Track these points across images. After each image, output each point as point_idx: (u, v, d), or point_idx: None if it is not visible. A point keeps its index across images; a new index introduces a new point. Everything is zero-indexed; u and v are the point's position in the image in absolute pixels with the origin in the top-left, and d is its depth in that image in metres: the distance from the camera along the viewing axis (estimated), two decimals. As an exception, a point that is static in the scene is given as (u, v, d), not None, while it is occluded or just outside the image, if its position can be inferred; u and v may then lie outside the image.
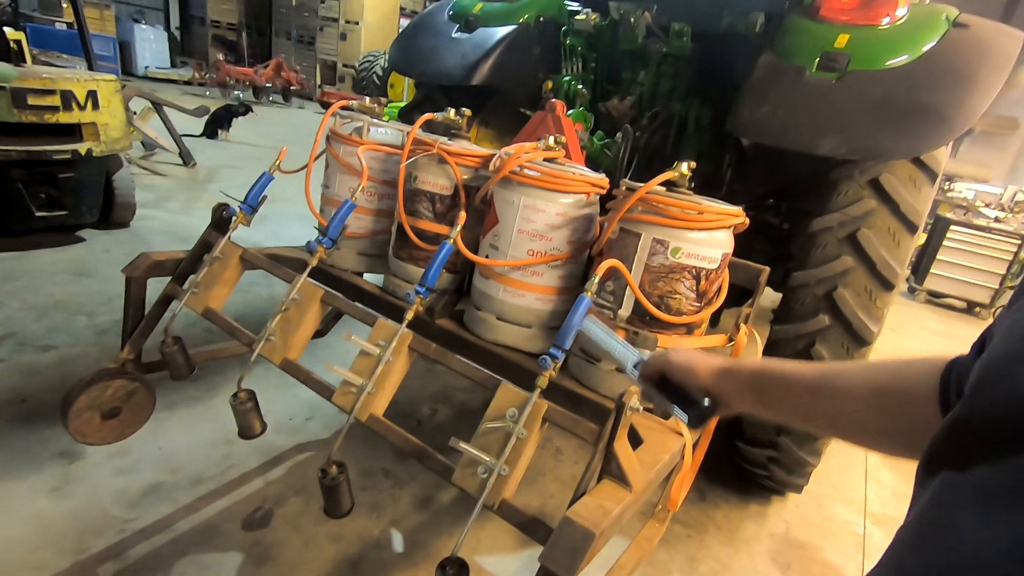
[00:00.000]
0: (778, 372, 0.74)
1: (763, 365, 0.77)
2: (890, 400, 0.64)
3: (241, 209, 1.74)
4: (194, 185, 5.59)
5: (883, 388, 0.66)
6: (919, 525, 0.40)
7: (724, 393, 0.78)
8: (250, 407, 1.56)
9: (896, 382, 0.65)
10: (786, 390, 0.73)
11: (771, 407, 0.75)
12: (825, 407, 0.69)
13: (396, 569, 1.77)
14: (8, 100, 3.08)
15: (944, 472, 0.40)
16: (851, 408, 0.67)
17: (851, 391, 0.68)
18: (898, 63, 1.77)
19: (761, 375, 0.76)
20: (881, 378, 0.67)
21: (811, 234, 1.89)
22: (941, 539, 0.36)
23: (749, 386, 0.76)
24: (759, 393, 0.75)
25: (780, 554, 2.15)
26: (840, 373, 0.70)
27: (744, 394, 0.76)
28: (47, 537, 1.64)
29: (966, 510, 0.35)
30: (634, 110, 2.59)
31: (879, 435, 0.67)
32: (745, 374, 0.77)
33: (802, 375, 0.72)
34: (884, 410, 0.65)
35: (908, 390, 0.63)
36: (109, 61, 10.88)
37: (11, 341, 2.53)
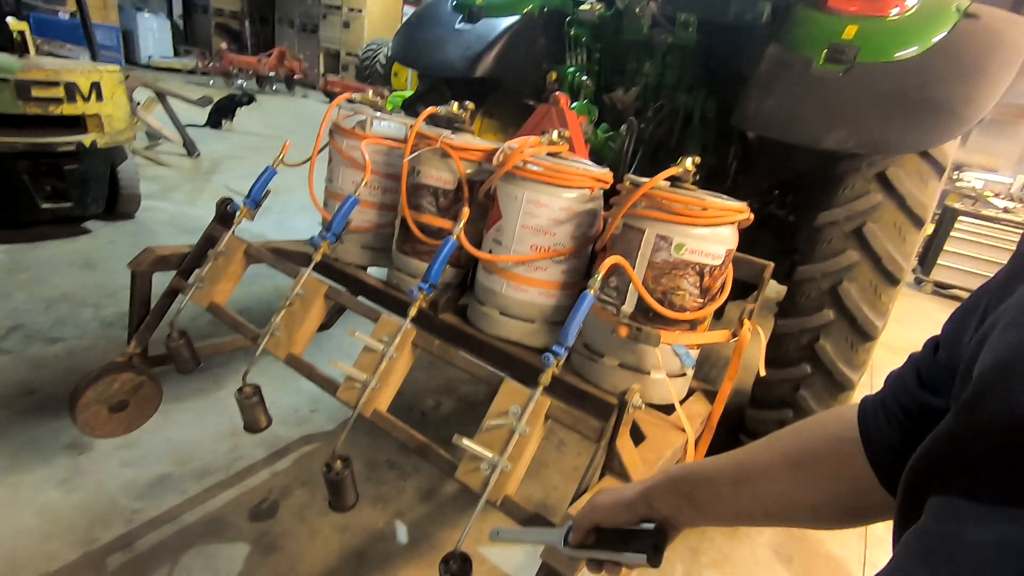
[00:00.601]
0: (701, 472, 0.70)
1: (682, 469, 0.72)
2: (811, 468, 0.60)
3: (245, 204, 1.74)
4: (198, 176, 5.60)
5: (800, 458, 0.62)
6: (922, 542, 0.38)
7: (663, 514, 0.71)
8: (255, 401, 1.58)
9: (812, 447, 0.62)
10: (712, 489, 0.68)
11: (706, 512, 0.69)
12: (753, 496, 0.65)
13: (401, 560, 1.79)
14: (12, 92, 3.08)
15: (939, 486, 0.39)
16: (776, 489, 0.63)
17: (770, 471, 0.64)
18: (907, 55, 1.74)
19: (684, 480, 0.70)
20: (796, 447, 0.63)
21: (816, 228, 1.88)
22: (945, 554, 0.36)
23: (680, 496, 0.70)
24: (691, 501, 0.69)
25: (782, 546, 2.16)
26: (757, 456, 0.66)
27: (680, 507, 0.70)
28: (56, 528, 1.67)
29: (969, 523, 0.35)
30: (639, 102, 2.57)
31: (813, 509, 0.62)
32: (670, 484, 0.71)
33: (722, 468, 0.68)
34: (808, 480, 0.61)
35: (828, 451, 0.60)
36: (112, 51, 10.84)
37: (19, 333, 2.55)
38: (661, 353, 1.38)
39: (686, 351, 1.44)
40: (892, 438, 0.55)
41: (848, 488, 0.58)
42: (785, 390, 1.98)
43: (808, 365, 1.92)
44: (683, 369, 1.48)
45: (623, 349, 1.43)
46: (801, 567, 2.08)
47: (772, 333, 2.00)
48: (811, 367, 1.91)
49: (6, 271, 3.10)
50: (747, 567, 2.03)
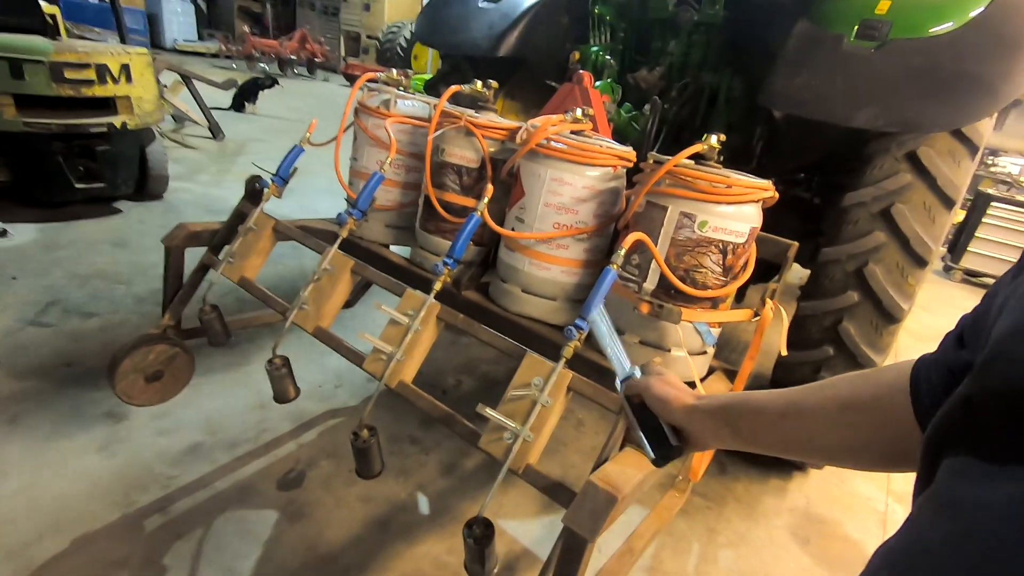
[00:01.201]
0: (749, 403, 0.74)
1: (733, 398, 0.77)
2: (860, 413, 0.63)
3: (273, 181, 1.78)
4: (223, 158, 5.69)
5: (851, 402, 0.65)
6: (936, 502, 0.40)
7: (695, 431, 0.77)
8: (284, 372, 1.63)
9: (863, 393, 0.64)
10: (758, 420, 0.72)
11: (747, 439, 0.74)
12: (798, 430, 0.69)
13: (423, 530, 1.84)
14: (47, 74, 3.16)
15: (953, 448, 0.40)
16: (822, 427, 0.66)
17: (820, 410, 0.67)
18: (943, 30, 1.70)
19: (732, 408, 0.75)
20: (848, 392, 0.66)
21: (843, 209, 1.85)
22: (957, 512, 0.37)
23: (722, 421, 0.75)
24: (733, 427, 0.74)
25: (799, 528, 2.16)
26: (808, 394, 0.69)
27: (718, 430, 0.75)
28: (97, 491, 1.75)
29: (981, 483, 0.36)
30: (663, 81, 2.55)
31: (854, 450, 0.66)
32: (716, 410, 0.76)
33: (772, 401, 0.71)
34: (854, 424, 0.64)
35: (877, 400, 0.62)
36: (139, 34, 11.01)
37: (57, 308, 2.65)
38: (682, 331, 1.39)
39: (707, 329, 1.45)
40: (938, 397, 0.56)
41: (892, 435, 0.60)
42: (806, 372, 1.97)
43: (831, 347, 1.91)
44: (704, 347, 1.49)
45: (644, 326, 1.44)
46: (818, 548, 2.09)
47: (795, 315, 1.99)
48: (834, 349, 1.90)
49: (43, 249, 3.21)
50: (763, 547, 2.05)
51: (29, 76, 3.14)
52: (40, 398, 2.08)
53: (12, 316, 2.53)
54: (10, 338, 2.38)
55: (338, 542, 1.73)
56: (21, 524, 1.60)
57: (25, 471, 1.77)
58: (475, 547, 1.12)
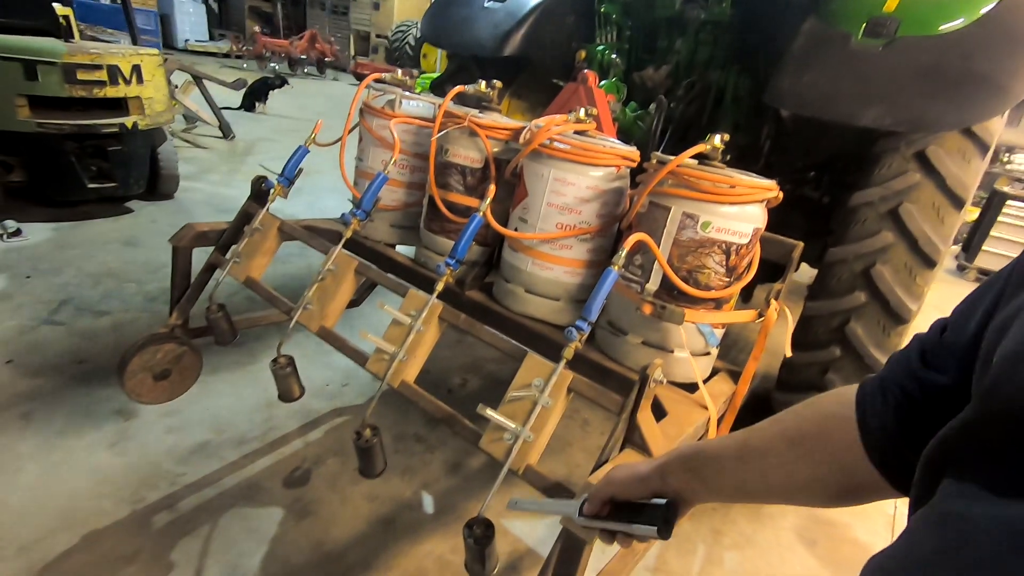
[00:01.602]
0: (707, 451, 0.73)
1: (692, 447, 0.75)
2: (807, 445, 0.63)
3: (279, 182, 1.79)
4: (233, 157, 5.74)
5: (797, 435, 0.64)
6: (933, 516, 0.40)
7: (676, 489, 0.74)
8: (289, 372, 1.64)
9: (807, 426, 0.64)
10: (719, 465, 0.71)
11: (714, 488, 0.72)
12: (755, 472, 0.68)
13: (427, 529, 1.85)
14: (60, 75, 3.21)
15: (955, 469, 0.40)
16: (775, 465, 0.65)
17: (770, 448, 0.66)
18: (952, 27, 1.67)
19: (695, 457, 0.73)
20: (794, 426, 0.65)
21: (850, 209, 1.83)
22: (954, 527, 0.37)
23: (690, 473, 0.73)
24: (700, 478, 0.72)
25: (806, 530, 2.15)
26: (759, 433, 0.69)
27: (691, 482, 0.73)
28: (107, 488, 1.78)
29: (980, 502, 0.36)
30: (669, 80, 2.53)
31: (807, 487, 0.64)
32: (682, 461, 0.74)
33: (728, 445, 0.71)
34: (804, 456, 0.63)
35: (822, 430, 0.61)
36: (151, 35, 11.10)
37: (69, 306, 2.69)
38: (685, 331, 1.39)
39: (711, 330, 1.44)
40: (887, 419, 0.56)
41: (840, 467, 0.59)
42: (813, 373, 1.96)
43: (837, 348, 1.89)
44: (707, 348, 1.48)
45: (647, 327, 1.44)
46: (825, 551, 2.07)
47: (801, 315, 1.98)
48: (840, 350, 1.89)
49: (56, 248, 3.26)
50: (769, 549, 2.04)
51: (43, 77, 3.18)
52: (53, 395, 2.11)
53: (26, 314, 2.57)
54: (24, 336, 2.42)
55: (343, 540, 1.75)
56: (34, 518, 1.63)
57: (38, 466, 1.80)
58: (475, 547, 1.13)
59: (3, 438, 1.89)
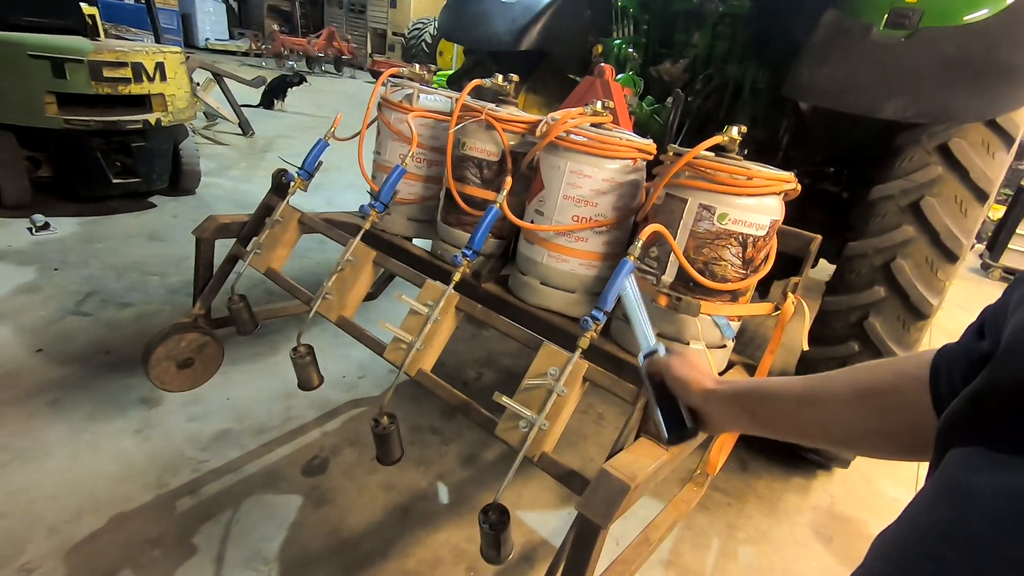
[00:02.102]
0: (767, 388, 0.75)
1: (752, 384, 0.78)
2: (877, 400, 0.63)
3: (299, 175, 1.82)
4: (253, 154, 5.82)
5: (869, 389, 0.65)
6: (935, 489, 0.41)
7: (712, 414, 0.79)
8: (309, 360, 1.67)
9: (882, 381, 0.64)
10: (775, 406, 0.73)
11: (764, 424, 0.75)
12: (815, 416, 0.69)
13: (442, 518, 1.87)
14: (86, 73, 3.29)
15: (961, 440, 0.40)
16: (839, 413, 0.67)
17: (838, 396, 0.67)
18: (977, 18, 1.64)
19: (750, 394, 0.76)
20: (866, 379, 0.66)
21: (870, 202, 1.82)
22: (954, 498, 0.37)
23: (740, 407, 0.76)
24: (750, 412, 0.75)
25: (823, 526, 2.13)
26: (826, 380, 0.70)
27: (736, 415, 0.76)
28: (132, 473, 1.83)
29: (981, 472, 0.36)
30: (687, 74, 2.52)
31: (870, 437, 0.66)
32: (734, 395, 0.77)
33: (789, 388, 0.72)
34: (872, 410, 0.64)
35: (895, 387, 0.62)
36: (173, 34, 11.31)
37: (95, 298, 2.76)
38: (701, 323, 1.39)
39: (726, 322, 1.44)
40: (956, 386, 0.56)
41: (909, 424, 0.60)
42: (831, 368, 1.94)
43: (856, 343, 1.87)
44: (723, 340, 1.48)
45: (662, 319, 1.44)
46: (841, 547, 2.06)
47: (819, 310, 1.96)
48: (859, 345, 1.87)
49: (83, 242, 3.34)
50: (785, 545, 2.02)
51: (70, 75, 3.27)
52: (80, 383, 2.17)
53: (54, 305, 2.64)
54: (52, 326, 2.49)
55: (360, 528, 1.78)
56: (62, 501, 1.68)
57: (66, 452, 1.86)
58: (490, 533, 1.14)
59: (33, 424, 1.95)
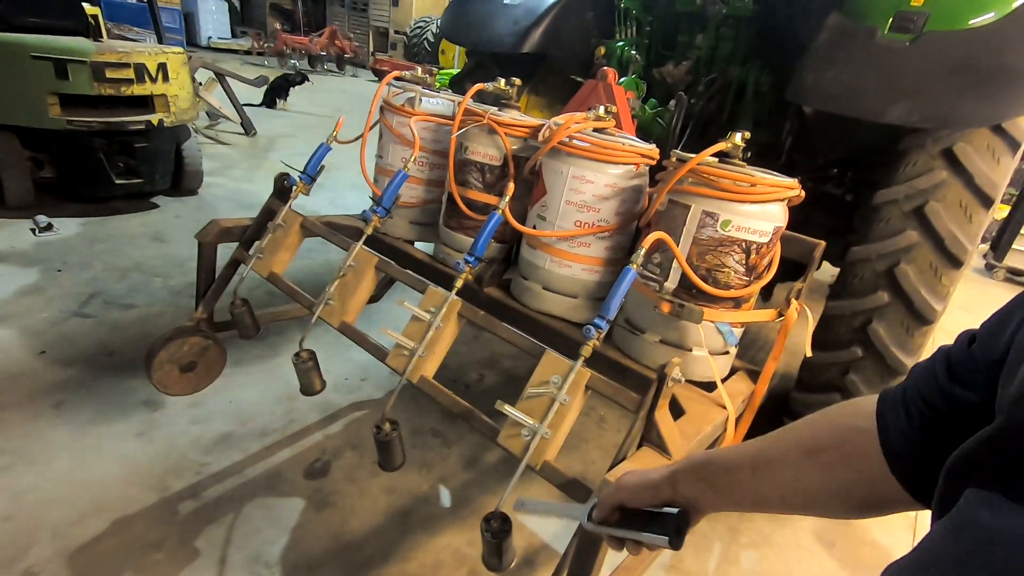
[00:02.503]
0: (722, 458, 0.72)
1: (705, 456, 0.74)
2: (825, 456, 0.61)
3: (301, 179, 1.82)
4: (255, 154, 5.82)
5: (814, 446, 0.63)
6: (954, 524, 0.40)
7: (687, 498, 0.72)
8: (311, 366, 1.67)
9: (825, 436, 0.63)
10: (732, 475, 0.70)
11: (727, 497, 0.71)
12: (770, 483, 0.66)
13: (444, 522, 1.87)
14: (89, 74, 3.29)
15: (976, 481, 0.40)
16: (792, 476, 0.64)
17: (786, 458, 0.65)
18: (983, 22, 1.63)
19: (708, 466, 0.72)
20: (808, 436, 0.64)
21: (874, 207, 1.81)
22: (976, 535, 0.37)
23: (703, 482, 0.71)
24: (712, 486, 0.71)
25: (826, 531, 2.13)
26: (775, 443, 0.67)
27: (703, 491, 0.71)
28: (135, 475, 1.83)
29: (1003, 515, 0.36)
30: (690, 76, 2.51)
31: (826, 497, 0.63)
32: (694, 470, 0.73)
33: (742, 455, 0.70)
34: (822, 468, 0.61)
35: (840, 441, 0.60)
36: (175, 33, 11.31)
37: (98, 299, 2.77)
38: (704, 330, 1.38)
39: (729, 329, 1.43)
40: (910, 432, 0.55)
41: (860, 478, 0.58)
42: (834, 374, 1.94)
43: (859, 348, 1.87)
44: (726, 347, 1.48)
45: (665, 325, 1.43)
46: (844, 552, 2.05)
47: (822, 315, 1.95)
48: (862, 351, 1.86)
49: (86, 242, 3.34)
50: (787, 550, 2.02)
51: (73, 76, 3.27)
52: (83, 385, 2.18)
53: (57, 307, 2.65)
54: (56, 328, 2.50)
55: (362, 531, 1.78)
56: (65, 504, 1.69)
57: (69, 454, 1.86)
58: (492, 541, 1.14)
59: (37, 426, 1.96)
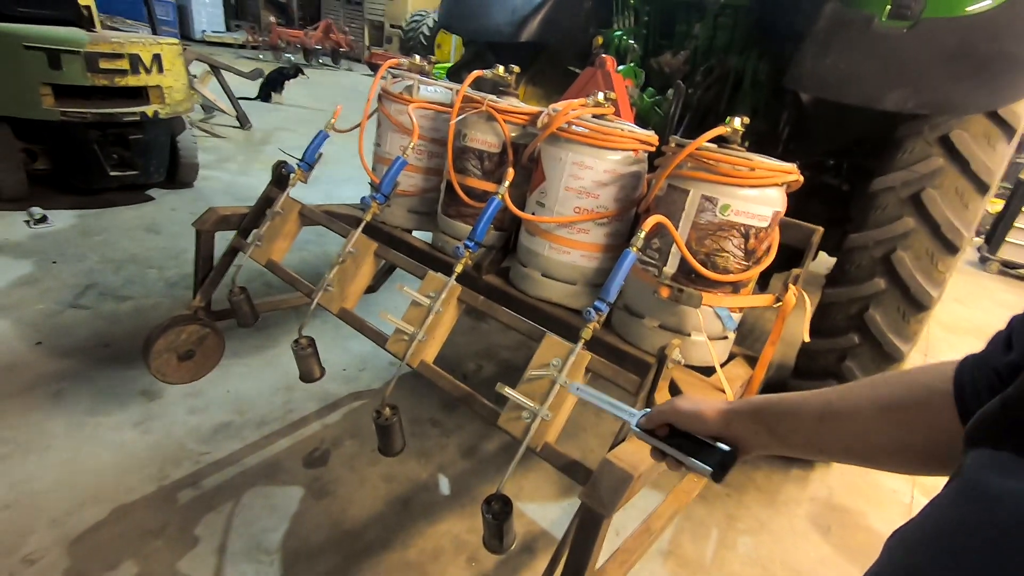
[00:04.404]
0: (785, 404, 0.72)
1: (768, 400, 0.74)
2: (899, 414, 0.62)
3: (299, 166, 1.82)
4: (251, 147, 5.79)
5: (890, 403, 0.63)
6: (960, 487, 0.40)
7: (737, 436, 0.74)
8: (310, 352, 1.67)
9: (903, 395, 0.63)
10: (795, 421, 0.70)
11: (783, 441, 0.72)
12: (836, 433, 0.67)
13: (443, 510, 1.88)
14: (82, 64, 3.26)
15: (989, 442, 0.40)
16: (862, 429, 0.65)
17: (858, 412, 0.65)
18: (980, 8, 1.64)
19: (768, 410, 0.73)
20: (887, 394, 0.65)
21: (871, 194, 1.82)
22: (981, 497, 0.37)
23: (760, 424, 0.73)
24: (770, 429, 0.72)
25: (821, 517, 2.15)
26: (845, 395, 0.68)
27: (759, 432, 0.73)
28: (133, 465, 1.83)
29: (1010, 475, 0.36)
30: (688, 65, 2.51)
31: (895, 453, 0.64)
32: (753, 412, 0.74)
33: (808, 403, 0.70)
34: (896, 425, 0.62)
35: (917, 401, 0.61)
36: (169, 25, 11.20)
37: (94, 291, 2.75)
38: (702, 315, 1.39)
39: (728, 314, 1.44)
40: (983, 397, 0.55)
41: (935, 438, 0.59)
42: (830, 360, 1.95)
43: (856, 335, 1.88)
44: (724, 332, 1.48)
45: (664, 310, 1.44)
46: (839, 538, 2.07)
47: (819, 302, 1.96)
48: (859, 337, 1.88)
49: (81, 235, 3.32)
50: (783, 535, 2.04)
51: (66, 66, 3.24)
52: (80, 376, 2.17)
53: (53, 299, 2.64)
54: (52, 319, 2.49)
55: (361, 519, 1.78)
56: (64, 493, 1.68)
57: (68, 444, 1.86)
58: (493, 522, 1.15)
59: (34, 416, 1.95)
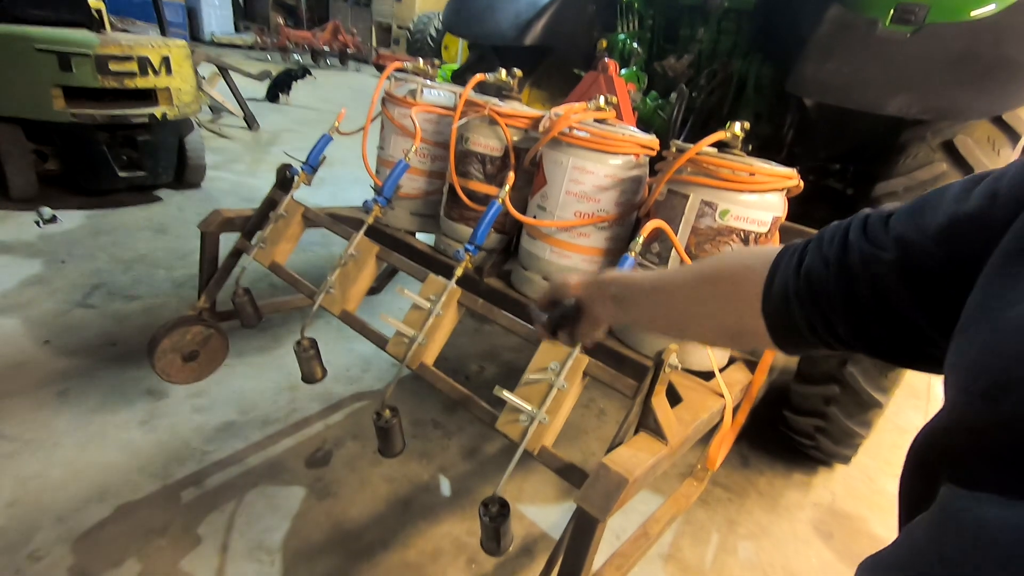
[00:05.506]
0: (629, 278, 0.79)
1: (620, 274, 0.82)
2: (716, 287, 0.66)
3: (303, 169, 1.83)
4: (258, 148, 5.83)
5: (711, 275, 0.67)
6: (934, 519, 0.37)
7: (589, 299, 0.83)
8: (312, 354, 1.69)
9: (725, 269, 0.66)
10: (636, 293, 0.77)
11: (627, 313, 0.79)
12: (664, 304, 0.73)
13: (443, 511, 1.89)
14: (92, 66, 3.30)
15: (962, 473, 0.37)
16: (681, 299, 0.70)
17: (683, 283, 0.71)
18: (984, 13, 1.63)
19: (617, 282, 0.80)
20: (712, 264, 0.69)
21: (874, 199, 1.81)
22: (961, 529, 0.35)
23: (607, 292, 0.80)
24: (616, 299, 0.79)
25: (823, 523, 2.14)
26: (679, 271, 0.75)
27: (604, 302, 0.81)
28: (138, 463, 1.85)
29: (993, 506, 0.33)
30: (691, 69, 2.51)
31: (700, 321, 0.69)
32: (602, 282, 0.82)
33: (646, 277, 0.77)
34: (711, 296, 0.66)
35: (735, 274, 0.64)
36: (178, 27, 11.32)
37: (102, 290, 2.79)
38: (702, 319, 1.39)
39: (728, 318, 1.44)
40: (794, 279, 0.57)
41: (737, 312, 0.62)
42: (832, 365, 1.94)
43: (858, 340, 1.87)
44: (724, 337, 1.48)
45: (663, 315, 1.44)
46: (842, 544, 2.06)
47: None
48: (861, 342, 1.87)
49: (90, 234, 3.36)
50: (785, 541, 2.03)
51: (77, 69, 3.28)
52: (87, 374, 2.20)
53: (61, 298, 2.67)
54: (60, 318, 2.52)
55: (362, 519, 1.80)
56: (70, 490, 1.71)
57: (73, 442, 1.88)
58: (490, 525, 1.15)
59: (41, 414, 1.98)
